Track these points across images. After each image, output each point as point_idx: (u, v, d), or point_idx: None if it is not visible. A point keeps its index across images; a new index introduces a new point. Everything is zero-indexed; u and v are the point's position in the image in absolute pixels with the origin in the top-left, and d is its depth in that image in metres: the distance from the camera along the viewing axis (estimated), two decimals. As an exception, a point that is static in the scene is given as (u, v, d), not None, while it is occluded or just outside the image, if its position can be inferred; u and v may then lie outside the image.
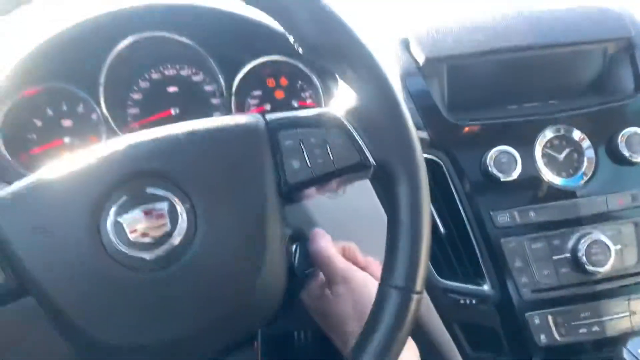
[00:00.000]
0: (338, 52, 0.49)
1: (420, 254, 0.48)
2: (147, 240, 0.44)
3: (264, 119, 0.49)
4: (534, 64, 0.79)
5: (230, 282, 0.46)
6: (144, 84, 0.82)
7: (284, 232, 0.49)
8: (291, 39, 0.50)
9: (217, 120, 0.49)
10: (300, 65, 0.80)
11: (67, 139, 0.79)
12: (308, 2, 0.48)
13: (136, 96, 0.82)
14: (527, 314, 0.72)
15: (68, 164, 0.46)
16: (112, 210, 0.44)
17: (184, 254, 0.44)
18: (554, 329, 0.72)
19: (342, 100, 0.52)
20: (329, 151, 0.49)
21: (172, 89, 0.82)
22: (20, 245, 0.44)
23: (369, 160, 0.49)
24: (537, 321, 0.72)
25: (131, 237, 0.44)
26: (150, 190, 0.45)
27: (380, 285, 0.49)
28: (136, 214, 0.44)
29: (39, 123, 0.78)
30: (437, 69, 0.76)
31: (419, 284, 0.47)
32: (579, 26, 0.78)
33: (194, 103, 0.83)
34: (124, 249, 0.43)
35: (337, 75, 0.52)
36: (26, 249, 0.44)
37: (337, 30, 0.48)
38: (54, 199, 0.45)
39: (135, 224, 0.44)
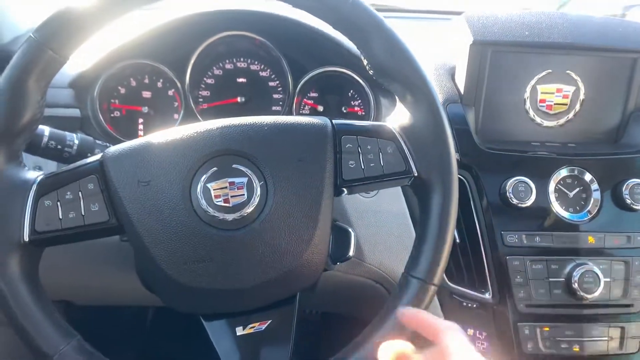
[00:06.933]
0: (402, 78, 0.59)
1: (442, 254, 0.58)
2: (227, 205, 0.55)
3: (331, 123, 0.60)
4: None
5: (287, 247, 0.56)
6: (217, 72, 0.93)
7: (331, 218, 0.60)
8: (365, 60, 0.61)
9: (294, 118, 0.60)
10: (357, 78, 0.90)
11: (145, 108, 0.91)
12: (384, 33, 0.58)
13: (209, 81, 0.93)
14: (519, 324, 0.82)
15: (171, 133, 0.57)
16: (203, 177, 0.55)
17: (254, 221, 0.55)
18: (540, 340, 0.82)
19: (396, 117, 0.62)
20: (380, 158, 0.59)
21: (241, 79, 0.94)
22: (125, 193, 0.55)
23: (412, 170, 0.59)
24: (526, 331, 0.82)
25: (215, 201, 0.55)
26: (235, 166, 0.56)
27: (403, 274, 0.60)
28: (222, 183, 0.55)
29: (122, 90, 0.90)
30: (477, 96, 0.87)
31: (437, 279, 0.58)
32: (615, 34, 0.86)
33: (258, 95, 0.94)
34: (208, 209, 0.54)
35: (396, 96, 0.63)
36: (130, 198, 0.54)
37: (405, 59, 0.59)
38: (158, 160, 0.56)
39: (220, 191, 0.55)
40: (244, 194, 0.55)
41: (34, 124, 0.57)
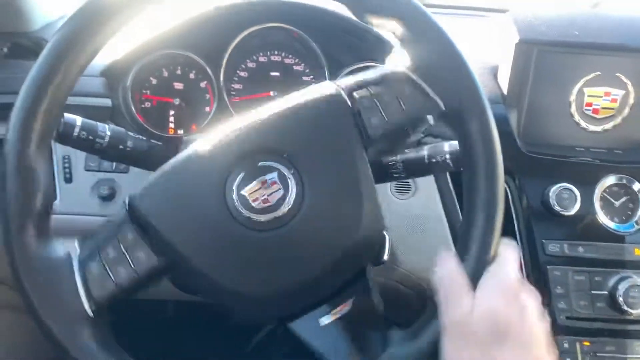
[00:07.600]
0: (399, 17, 0.54)
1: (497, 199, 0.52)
2: (267, 205, 0.52)
3: (339, 86, 0.56)
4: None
5: (341, 223, 0.54)
6: (251, 65, 0.90)
7: (371, 180, 0.55)
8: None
9: (304, 95, 0.57)
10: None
11: (176, 100, 0.88)
12: None
13: (242, 74, 0.90)
14: (558, 337, 0.78)
15: (186, 155, 0.54)
16: (234, 186, 0.52)
17: (300, 208, 0.52)
18: (579, 355, 0.78)
19: (403, 60, 0.56)
20: (401, 103, 0.55)
21: (274, 73, 0.91)
22: (165, 228, 0.52)
23: (438, 105, 0.55)
24: (565, 345, 0.78)
25: (254, 204, 0.52)
26: (261, 163, 0.53)
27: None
28: (254, 185, 0.53)
29: (154, 81, 0.88)
30: (520, 98, 0.83)
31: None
32: None
33: (292, 89, 0.90)
34: (251, 216, 0.52)
35: (394, 35, 0.56)
36: (170, 230, 0.52)
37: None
38: (186, 186, 0.53)
39: (255, 193, 0.53)
40: (279, 189, 0.53)
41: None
